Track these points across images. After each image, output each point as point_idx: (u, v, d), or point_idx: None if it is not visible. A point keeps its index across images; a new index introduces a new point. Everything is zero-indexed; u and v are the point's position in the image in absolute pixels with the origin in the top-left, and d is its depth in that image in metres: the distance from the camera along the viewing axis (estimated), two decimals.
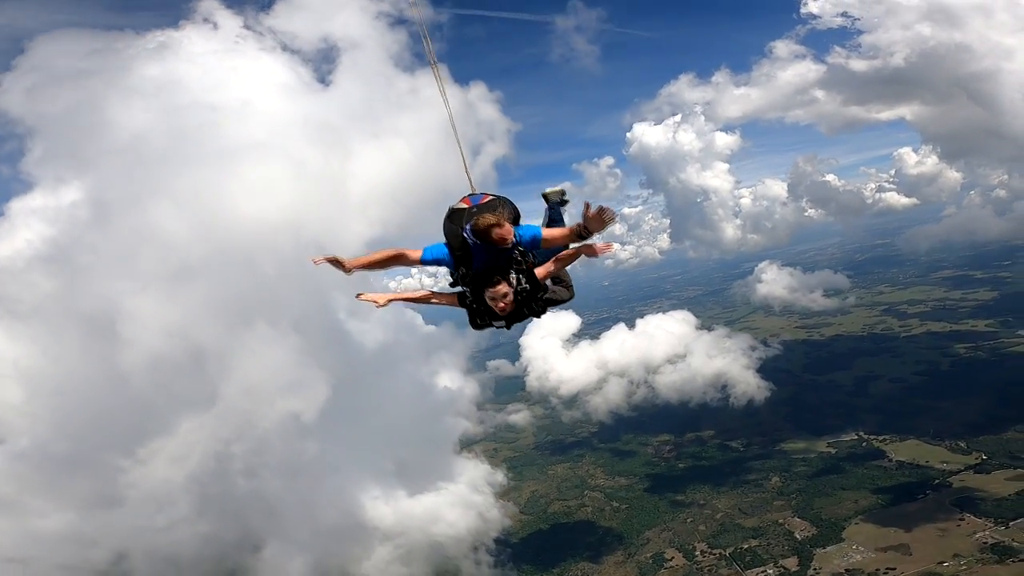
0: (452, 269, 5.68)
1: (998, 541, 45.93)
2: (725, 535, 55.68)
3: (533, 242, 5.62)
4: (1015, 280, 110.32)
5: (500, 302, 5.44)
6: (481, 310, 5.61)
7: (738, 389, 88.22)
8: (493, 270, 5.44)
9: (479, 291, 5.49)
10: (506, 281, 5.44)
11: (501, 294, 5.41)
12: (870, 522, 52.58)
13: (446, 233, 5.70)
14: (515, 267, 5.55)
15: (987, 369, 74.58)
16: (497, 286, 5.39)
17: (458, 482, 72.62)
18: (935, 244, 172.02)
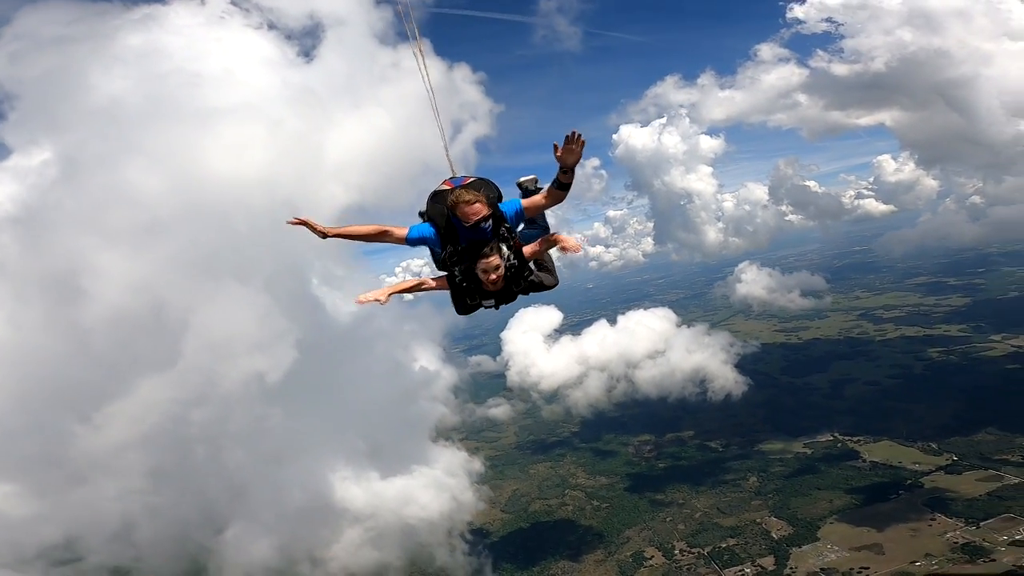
0: (439, 248, 5.71)
1: (969, 541, 46.97)
2: (704, 534, 56.24)
3: (517, 216, 5.70)
4: (988, 287, 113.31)
5: (491, 274, 5.44)
6: (471, 288, 5.59)
7: (716, 384, 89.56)
8: (482, 243, 5.45)
9: (469, 266, 5.49)
10: (497, 253, 5.45)
11: (493, 266, 5.42)
12: (844, 522, 53.48)
13: (431, 214, 5.74)
14: (503, 242, 5.56)
15: (959, 373, 76.52)
16: (489, 257, 5.40)
17: (433, 467, 71.47)
18: (910, 249, 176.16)
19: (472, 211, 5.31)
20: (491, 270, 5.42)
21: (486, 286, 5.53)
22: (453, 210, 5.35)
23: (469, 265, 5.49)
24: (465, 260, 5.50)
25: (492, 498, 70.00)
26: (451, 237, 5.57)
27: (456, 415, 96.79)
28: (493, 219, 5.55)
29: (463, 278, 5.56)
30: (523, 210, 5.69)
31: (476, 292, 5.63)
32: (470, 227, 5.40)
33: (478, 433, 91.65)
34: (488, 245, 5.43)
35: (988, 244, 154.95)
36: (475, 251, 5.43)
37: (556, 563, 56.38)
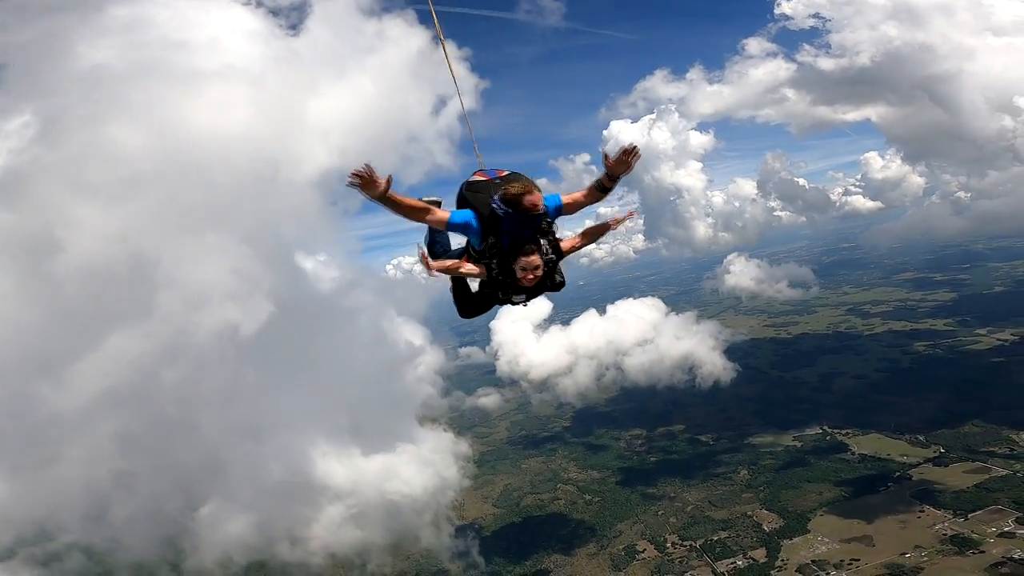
0: (479, 239, 5.49)
1: (958, 532, 47.45)
2: (695, 527, 56.45)
3: (556, 211, 5.59)
4: (973, 282, 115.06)
5: (531, 272, 5.32)
6: (505, 282, 5.45)
7: (704, 370, 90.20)
8: (525, 239, 5.30)
9: (507, 262, 5.34)
10: (539, 251, 5.33)
11: (533, 265, 5.30)
12: (834, 514, 53.92)
13: (472, 203, 5.51)
14: (543, 236, 5.44)
15: (945, 366, 77.42)
16: (531, 255, 5.27)
17: (419, 446, 70.54)
18: (895, 241, 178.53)
19: (536, 199, 5.18)
20: (531, 268, 5.31)
21: (522, 282, 5.40)
22: (516, 202, 5.15)
23: (509, 260, 5.34)
24: (505, 254, 5.35)
25: (484, 493, 69.88)
26: (493, 229, 5.38)
27: (443, 398, 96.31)
28: None
29: (499, 272, 5.41)
30: (563, 205, 5.60)
31: (510, 287, 5.50)
32: (525, 219, 5.28)
33: (470, 428, 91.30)
34: (531, 242, 5.31)
35: (972, 237, 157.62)
36: (517, 246, 5.29)
37: (548, 557, 56.35)
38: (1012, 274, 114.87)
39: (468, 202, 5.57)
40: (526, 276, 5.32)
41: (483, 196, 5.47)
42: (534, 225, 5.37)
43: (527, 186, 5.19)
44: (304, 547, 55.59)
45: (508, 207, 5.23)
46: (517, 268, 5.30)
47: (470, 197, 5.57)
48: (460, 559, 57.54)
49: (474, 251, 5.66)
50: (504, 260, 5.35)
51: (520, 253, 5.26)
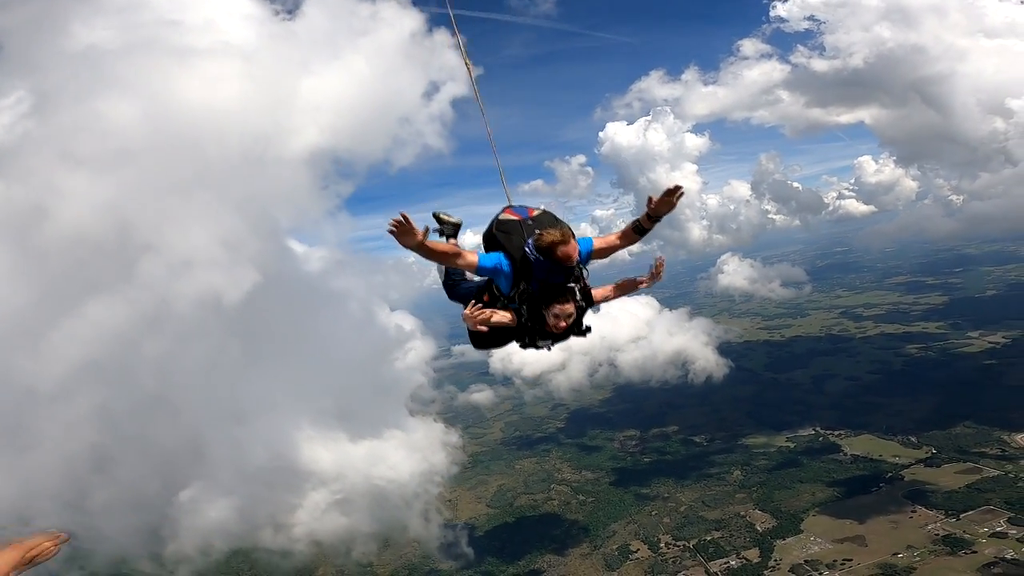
0: (509, 283, 5.22)
1: (950, 533, 47.67)
2: (689, 527, 56.46)
3: (588, 256, 5.32)
4: (965, 286, 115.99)
5: (563, 320, 5.07)
6: (534, 329, 5.20)
7: (697, 366, 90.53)
8: (557, 286, 5.06)
9: (537, 308, 5.09)
10: (573, 299, 5.10)
11: (567, 313, 5.05)
12: (826, 514, 54.06)
13: (503, 245, 5.26)
14: (575, 283, 5.20)
15: (937, 368, 77.96)
16: (566, 304, 5.03)
17: (409, 433, 69.59)
18: (888, 242, 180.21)
19: (571, 250, 4.87)
20: (564, 316, 5.06)
21: (551, 329, 5.14)
22: (550, 251, 4.84)
23: (539, 306, 5.08)
24: (537, 301, 5.08)
25: (478, 493, 69.68)
26: (524, 274, 5.11)
27: (435, 389, 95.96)
28: None
29: (529, 318, 5.15)
30: (594, 251, 5.34)
31: (538, 333, 5.25)
32: (562, 269, 4.97)
33: (465, 429, 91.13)
34: (566, 289, 5.08)
35: (963, 238, 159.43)
36: (550, 293, 5.03)
37: (542, 557, 56.20)
38: (1004, 278, 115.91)
39: (498, 242, 5.32)
40: (558, 323, 5.09)
41: (516, 239, 5.22)
42: (567, 271, 5.09)
43: (564, 234, 4.88)
44: (288, 534, 54.48)
45: (541, 255, 4.96)
46: (549, 315, 5.06)
47: (501, 239, 5.31)
48: (452, 558, 57.39)
49: (498, 292, 5.39)
50: (534, 306, 5.11)
51: (554, 301, 5.02)
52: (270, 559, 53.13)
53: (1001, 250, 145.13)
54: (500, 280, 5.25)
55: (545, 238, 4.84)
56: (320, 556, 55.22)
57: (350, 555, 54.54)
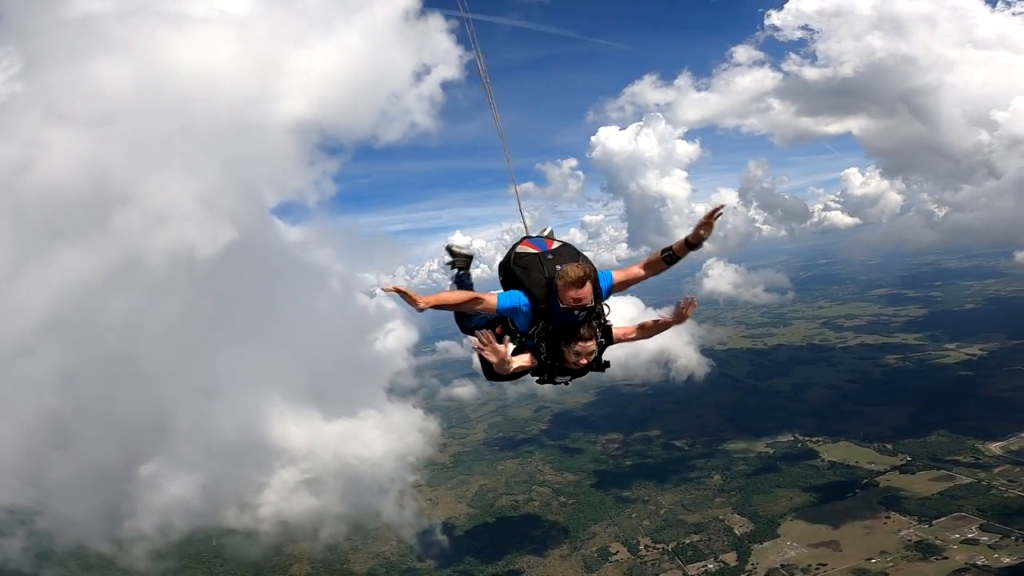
0: (528, 322, 5.07)
1: (922, 539, 48.48)
2: (668, 530, 56.81)
3: (607, 291, 5.20)
4: (944, 299, 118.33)
5: (584, 358, 5.01)
6: (554, 366, 5.10)
7: (679, 364, 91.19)
8: (578, 324, 4.90)
9: (557, 345, 4.99)
10: (595, 337, 5.00)
11: (589, 351, 4.99)
12: (803, 519, 54.70)
13: (523, 281, 5.08)
14: (596, 319, 5.06)
15: (914, 378, 79.33)
16: (587, 342, 4.94)
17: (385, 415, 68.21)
18: (870, 252, 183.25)
19: (579, 297, 4.70)
20: (585, 353, 4.99)
21: (572, 366, 5.07)
22: (564, 291, 4.72)
23: (559, 344, 4.98)
24: (556, 338, 4.97)
25: (459, 493, 69.60)
26: (545, 313, 4.97)
27: (415, 377, 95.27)
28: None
29: (548, 355, 5.04)
30: (615, 285, 5.22)
31: (557, 370, 5.17)
32: (564, 311, 4.82)
33: (447, 429, 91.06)
34: (587, 327, 4.93)
35: (943, 249, 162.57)
36: (572, 332, 4.90)
37: (521, 557, 56.24)
38: (983, 292, 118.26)
39: (516, 277, 5.14)
40: (579, 361, 5.00)
41: (535, 275, 5.04)
42: (587, 309, 4.87)
43: (586, 272, 4.73)
44: (253, 514, 52.89)
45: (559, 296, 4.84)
46: (570, 353, 4.95)
47: (520, 274, 5.12)
48: (430, 557, 57.25)
49: (514, 327, 5.25)
50: (554, 343, 4.99)
51: (576, 338, 4.89)
52: (233, 540, 51.64)
53: (980, 265, 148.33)
54: (519, 319, 5.10)
55: (568, 273, 4.68)
56: (287, 537, 53.64)
57: (318, 537, 53.11)
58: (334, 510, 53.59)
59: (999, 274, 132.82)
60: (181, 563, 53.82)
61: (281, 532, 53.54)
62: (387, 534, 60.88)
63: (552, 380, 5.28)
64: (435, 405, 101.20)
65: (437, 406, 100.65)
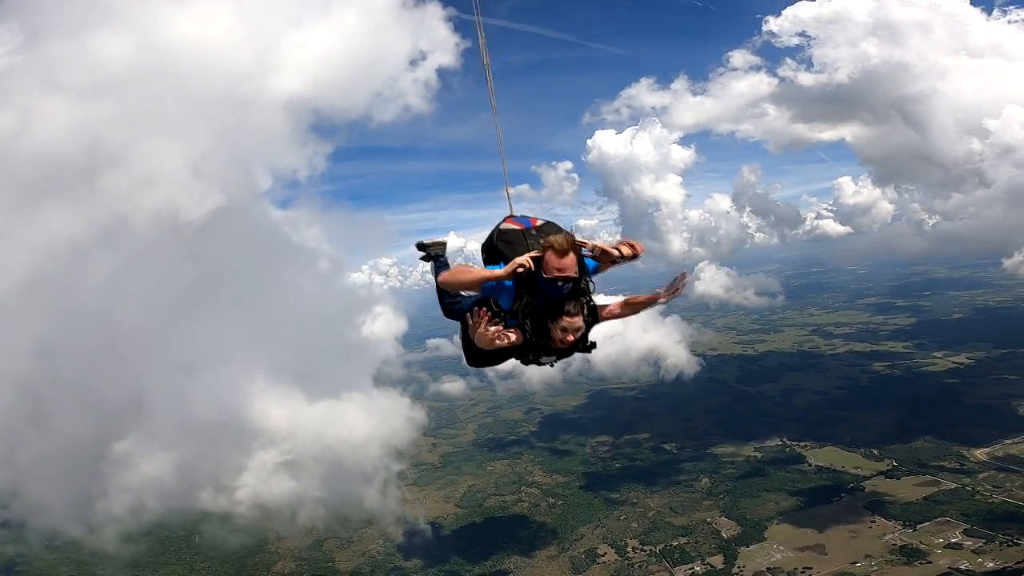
0: (512, 298, 4.91)
1: (907, 543, 48.75)
2: (656, 532, 56.83)
3: (592, 269, 5.06)
4: (933, 309, 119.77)
5: (571, 334, 4.79)
6: (539, 344, 4.92)
7: (669, 362, 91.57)
8: (563, 300, 4.73)
9: (542, 322, 4.81)
10: (582, 313, 4.81)
11: (575, 327, 4.78)
12: (789, 523, 54.85)
13: (507, 256, 4.95)
14: (582, 296, 4.89)
15: (901, 385, 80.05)
16: (574, 317, 4.73)
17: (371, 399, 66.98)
18: (860, 259, 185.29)
19: (563, 267, 4.56)
20: (572, 330, 4.77)
21: (557, 344, 4.87)
22: (544, 261, 4.61)
23: (545, 320, 4.80)
24: (542, 315, 4.79)
25: (447, 493, 69.36)
26: (529, 287, 4.80)
27: (404, 368, 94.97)
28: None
29: (533, 333, 4.86)
30: (599, 263, 5.09)
31: (542, 349, 4.99)
32: (548, 282, 4.66)
33: (436, 430, 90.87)
34: (574, 302, 4.75)
35: (933, 258, 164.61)
36: (557, 307, 4.72)
37: (508, 558, 56.05)
38: (971, 302, 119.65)
39: (500, 253, 5.09)
40: (565, 338, 4.79)
41: (519, 249, 4.96)
42: (574, 283, 4.74)
43: (569, 241, 4.61)
44: (229, 496, 51.40)
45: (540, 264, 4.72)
46: (556, 329, 4.75)
47: (504, 248, 5.08)
48: (416, 556, 57.02)
49: (498, 307, 5.01)
50: (539, 320, 4.81)
51: (562, 314, 4.70)
52: (210, 528, 50.32)
53: (970, 275, 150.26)
54: (502, 295, 4.94)
55: (553, 243, 4.57)
56: (265, 522, 52.37)
57: (295, 521, 51.85)
58: (314, 494, 52.36)
59: (988, 284, 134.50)
60: (160, 556, 53.47)
61: (259, 516, 52.20)
62: (372, 532, 60.70)
63: (537, 360, 5.11)
64: (425, 405, 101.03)
65: (428, 406, 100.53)
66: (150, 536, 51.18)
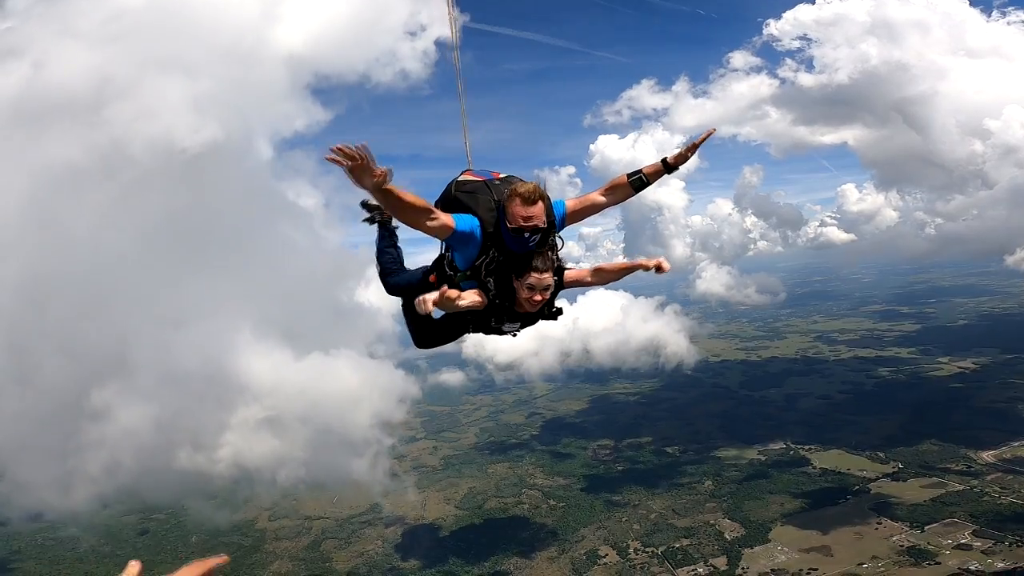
0: (477, 251, 4.42)
1: (914, 544, 47.96)
2: (658, 534, 56.01)
3: (560, 221, 4.57)
4: (938, 315, 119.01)
5: (538, 293, 4.35)
6: (503, 307, 4.47)
7: (668, 351, 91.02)
8: (531, 253, 4.28)
9: (508, 281, 4.38)
10: (551, 268, 4.37)
11: (544, 284, 4.33)
12: (794, 524, 54.05)
13: (470, 207, 4.42)
14: (551, 251, 4.43)
15: (907, 390, 79.26)
16: (543, 273, 4.29)
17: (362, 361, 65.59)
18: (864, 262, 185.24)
19: (530, 215, 4.11)
20: (540, 288, 4.32)
21: (523, 306, 4.45)
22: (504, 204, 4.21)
23: (510, 278, 4.37)
24: (507, 271, 4.36)
25: (447, 495, 68.56)
26: (495, 240, 4.36)
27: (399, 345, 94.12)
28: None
29: (497, 293, 4.40)
30: (567, 214, 4.61)
31: (506, 312, 4.54)
32: (512, 232, 4.20)
33: (437, 433, 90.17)
34: (542, 257, 4.31)
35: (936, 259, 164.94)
36: (524, 262, 4.29)
37: (508, 559, 55.21)
38: (976, 309, 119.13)
39: (463, 204, 4.47)
40: (532, 297, 4.34)
41: (483, 199, 4.43)
42: (542, 233, 4.28)
43: (537, 188, 4.16)
44: (209, 455, 49.82)
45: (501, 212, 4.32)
46: (523, 287, 4.32)
47: (466, 199, 4.47)
48: (414, 556, 56.24)
49: (451, 269, 4.61)
50: (503, 279, 4.37)
51: (530, 269, 4.26)
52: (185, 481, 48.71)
53: (975, 284, 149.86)
54: (468, 249, 4.46)
55: (519, 189, 4.13)
56: (245, 481, 50.73)
57: (276, 482, 50.35)
58: (296, 453, 51.02)
59: (993, 292, 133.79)
60: (155, 556, 52.93)
61: (239, 477, 50.60)
62: (370, 532, 59.99)
63: (499, 329, 4.65)
64: (424, 410, 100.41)
65: (427, 411, 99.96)
66: (146, 536, 50.42)
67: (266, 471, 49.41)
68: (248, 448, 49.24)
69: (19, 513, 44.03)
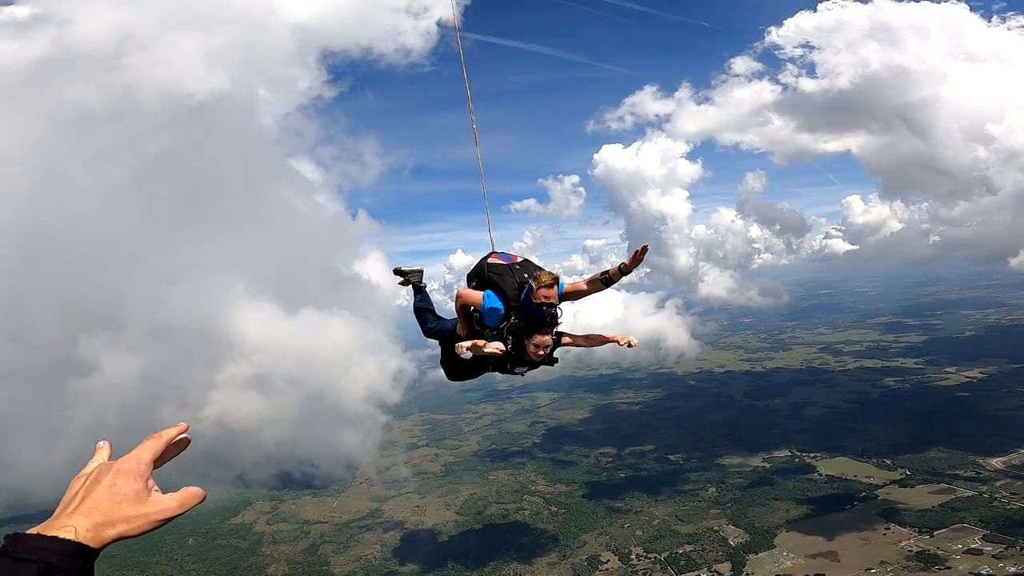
0: (500, 318, 6.00)
1: (923, 549, 47.12)
2: (661, 540, 55.14)
3: (560, 297, 5.96)
4: (944, 327, 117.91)
5: (542, 350, 5.84)
6: (516, 357, 5.97)
7: (669, 343, 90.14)
8: (540, 321, 5.77)
9: (521, 339, 5.86)
10: (551, 332, 5.86)
11: (546, 344, 5.82)
12: (799, 531, 53.20)
13: (497, 285, 6.08)
14: (552, 320, 5.88)
15: (913, 399, 78.36)
16: (546, 335, 5.79)
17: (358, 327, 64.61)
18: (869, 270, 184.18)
19: (549, 295, 5.65)
20: (543, 346, 5.81)
21: (531, 356, 5.88)
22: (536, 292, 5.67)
23: (523, 338, 5.84)
24: (522, 332, 5.84)
25: (447, 501, 67.80)
26: (515, 309, 5.95)
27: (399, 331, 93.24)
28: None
29: (513, 347, 5.91)
30: (564, 293, 6.01)
31: (518, 361, 6.00)
32: (535, 306, 5.71)
33: (439, 441, 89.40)
34: (547, 323, 5.78)
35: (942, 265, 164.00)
36: (533, 326, 5.77)
37: (507, 564, 54.38)
38: (983, 320, 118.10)
39: (491, 283, 6.12)
40: (537, 352, 5.82)
41: (509, 279, 6.07)
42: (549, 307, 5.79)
43: (555, 277, 5.71)
44: (193, 413, 48.86)
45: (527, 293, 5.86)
46: (531, 345, 5.79)
47: (496, 280, 6.13)
48: (412, 561, 55.40)
49: (481, 327, 6.18)
50: (518, 336, 5.86)
51: (537, 332, 5.75)
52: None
53: (983, 295, 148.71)
54: (493, 315, 6.00)
55: (543, 278, 5.65)
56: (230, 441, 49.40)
57: (260, 443, 49.14)
58: (285, 414, 50.08)
59: (999, 304, 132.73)
60: (151, 556, 52.21)
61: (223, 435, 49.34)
62: (368, 537, 59.25)
63: (512, 370, 6.08)
64: (428, 419, 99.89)
65: (429, 419, 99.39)
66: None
67: (251, 432, 48.39)
68: (235, 407, 48.54)
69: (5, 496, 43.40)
